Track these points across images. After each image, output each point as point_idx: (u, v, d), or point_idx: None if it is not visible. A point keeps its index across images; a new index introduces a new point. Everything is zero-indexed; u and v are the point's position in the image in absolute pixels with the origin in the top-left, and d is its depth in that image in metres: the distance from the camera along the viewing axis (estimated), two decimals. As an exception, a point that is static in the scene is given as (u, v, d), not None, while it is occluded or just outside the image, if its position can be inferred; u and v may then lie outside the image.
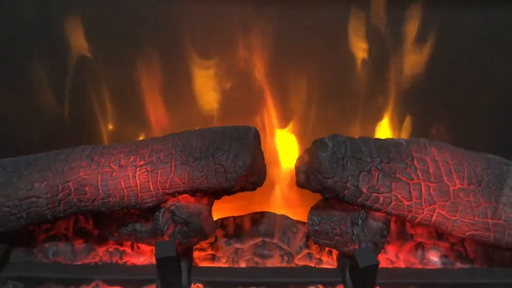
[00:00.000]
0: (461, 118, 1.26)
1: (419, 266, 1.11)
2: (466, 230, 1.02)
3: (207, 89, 1.21)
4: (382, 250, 1.09)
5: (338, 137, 1.06)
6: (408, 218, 1.03)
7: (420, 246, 1.13)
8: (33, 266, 1.08)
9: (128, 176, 1.03)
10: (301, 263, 1.12)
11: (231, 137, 1.05)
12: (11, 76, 1.21)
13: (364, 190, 1.01)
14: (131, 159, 1.04)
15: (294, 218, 1.20)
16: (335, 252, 1.12)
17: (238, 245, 1.15)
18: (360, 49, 1.17)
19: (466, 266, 1.10)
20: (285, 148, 1.27)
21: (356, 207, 1.04)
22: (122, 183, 1.03)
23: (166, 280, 1.03)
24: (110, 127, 1.28)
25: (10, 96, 1.23)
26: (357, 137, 1.08)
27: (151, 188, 1.03)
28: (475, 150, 1.10)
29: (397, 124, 1.27)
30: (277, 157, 1.26)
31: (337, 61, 1.19)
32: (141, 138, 1.25)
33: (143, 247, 1.13)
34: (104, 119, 1.27)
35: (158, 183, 1.03)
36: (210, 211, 1.07)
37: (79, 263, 1.11)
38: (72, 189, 1.03)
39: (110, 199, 1.03)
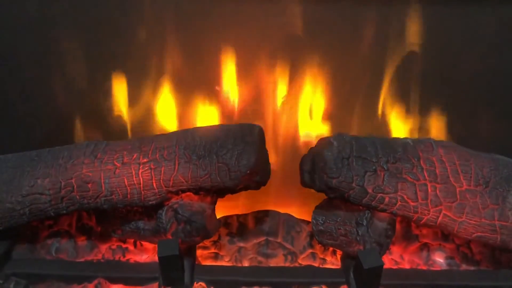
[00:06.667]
0: (470, 117, 1.25)
1: (424, 267, 1.09)
2: (473, 231, 1.01)
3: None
4: (387, 251, 1.07)
5: (343, 136, 1.04)
6: (413, 219, 1.02)
7: (425, 247, 1.11)
8: (35, 263, 1.08)
9: (131, 174, 1.02)
10: (304, 262, 1.11)
11: (235, 135, 1.04)
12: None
13: (370, 191, 1.00)
14: (134, 156, 1.04)
15: (298, 217, 1.19)
16: (339, 252, 1.11)
17: (241, 244, 1.14)
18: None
19: (472, 268, 1.09)
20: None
21: (361, 207, 1.03)
22: (125, 180, 1.02)
23: (169, 279, 1.02)
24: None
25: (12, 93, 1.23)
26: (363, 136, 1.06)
27: (154, 186, 1.02)
28: (484, 150, 1.08)
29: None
30: (281, 156, 1.25)
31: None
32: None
33: (146, 244, 1.13)
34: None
35: (161, 181, 1.02)
36: (214, 210, 1.06)
37: (82, 260, 1.10)
38: (75, 186, 1.02)
39: (113, 196, 1.02)
